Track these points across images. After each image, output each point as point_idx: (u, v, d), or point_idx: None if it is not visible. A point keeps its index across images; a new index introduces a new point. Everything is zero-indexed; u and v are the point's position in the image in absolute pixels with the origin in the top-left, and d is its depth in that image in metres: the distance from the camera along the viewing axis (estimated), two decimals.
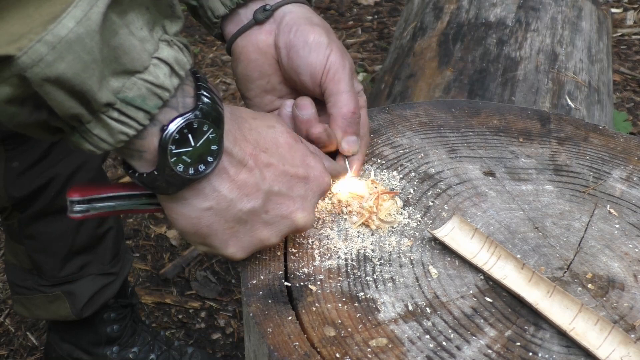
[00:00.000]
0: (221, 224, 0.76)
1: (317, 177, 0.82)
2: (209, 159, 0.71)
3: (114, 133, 0.66)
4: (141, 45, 0.64)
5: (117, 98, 0.64)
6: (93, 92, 0.62)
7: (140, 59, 0.64)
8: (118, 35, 0.62)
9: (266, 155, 0.77)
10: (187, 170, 0.70)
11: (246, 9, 0.95)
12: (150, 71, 0.65)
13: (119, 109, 0.64)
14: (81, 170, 1.47)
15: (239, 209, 0.75)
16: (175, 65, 0.67)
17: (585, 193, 0.98)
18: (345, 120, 0.91)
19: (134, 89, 0.64)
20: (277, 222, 0.79)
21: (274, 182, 0.77)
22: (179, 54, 0.67)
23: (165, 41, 0.67)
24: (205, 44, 3.32)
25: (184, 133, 0.69)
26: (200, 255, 2.25)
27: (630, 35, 3.34)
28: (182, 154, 0.70)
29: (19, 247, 1.55)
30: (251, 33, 0.95)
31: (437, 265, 0.84)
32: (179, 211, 0.75)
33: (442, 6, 2.03)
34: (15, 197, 1.43)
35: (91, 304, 1.60)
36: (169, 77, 0.66)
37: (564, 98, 1.71)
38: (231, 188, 0.74)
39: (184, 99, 0.70)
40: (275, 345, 0.73)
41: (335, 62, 0.90)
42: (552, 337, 0.75)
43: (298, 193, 0.80)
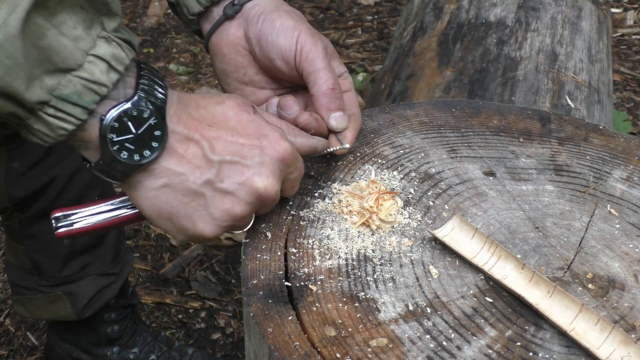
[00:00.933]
0: (179, 200, 0.77)
1: (271, 143, 0.81)
2: (154, 144, 0.74)
3: (53, 128, 0.69)
4: (74, 44, 0.66)
5: (53, 95, 0.66)
6: (20, 93, 0.64)
7: (72, 58, 0.66)
8: (45, 37, 0.64)
9: (213, 128, 0.78)
10: (132, 157, 0.73)
11: (218, 6, 0.97)
12: (85, 68, 0.67)
13: (54, 106, 0.67)
14: (82, 171, 1.47)
15: (193, 181, 0.76)
16: (113, 61, 0.69)
17: (586, 193, 0.98)
18: (326, 97, 0.91)
19: (69, 86, 0.67)
20: (236, 190, 0.78)
21: (224, 152, 0.78)
22: (117, 49, 0.70)
23: (104, 38, 0.69)
24: (197, 43, 3.32)
25: (124, 121, 0.71)
26: (200, 255, 2.25)
27: (630, 35, 3.34)
28: (124, 141, 0.72)
29: (19, 248, 1.55)
30: (223, 29, 0.97)
31: (437, 265, 0.84)
32: (138, 195, 0.77)
33: (442, 6, 2.03)
34: (16, 197, 1.43)
35: (92, 304, 1.60)
36: (106, 73, 0.69)
37: (564, 98, 1.71)
38: (181, 163, 0.76)
39: (125, 90, 0.72)
40: (276, 345, 0.73)
41: (305, 41, 0.91)
42: (553, 337, 0.75)
43: (253, 160, 0.79)
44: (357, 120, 0.97)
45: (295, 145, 0.86)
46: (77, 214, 0.81)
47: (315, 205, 0.92)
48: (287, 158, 0.82)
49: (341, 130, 0.93)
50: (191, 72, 3.12)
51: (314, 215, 0.91)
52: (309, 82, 0.92)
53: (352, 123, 0.95)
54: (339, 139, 0.94)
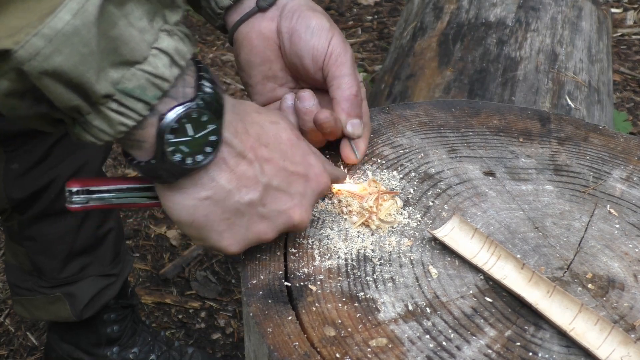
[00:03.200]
0: (218, 215, 0.75)
1: (317, 175, 0.82)
2: (208, 149, 0.71)
3: (114, 124, 0.66)
4: (140, 35, 0.64)
5: (116, 89, 0.64)
6: (91, 84, 0.62)
7: (139, 50, 0.64)
8: (117, 27, 0.62)
9: (267, 149, 0.77)
10: (185, 160, 0.70)
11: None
12: (150, 62, 0.65)
13: (118, 100, 0.64)
14: (81, 172, 1.47)
15: (237, 200, 0.75)
16: (176, 56, 0.67)
17: (586, 193, 0.98)
18: (348, 102, 0.92)
19: (133, 79, 0.64)
20: (274, 217, 0.78)
21: (273, 177, 0.77)
22: (179, 43, 0.67)
23: (166, 31, 0.66)
24: (205, 44, 3.32)
25: (182, 123, 0.69)
26: (200, 255, 2.25)
27: (630, 35, 3.34)
28: (179, 143, 0.69)
29: (19, 249, 1.55)
30: (254, 20, 0.96)
31: (437, 265, 0.84)
32: (176, 200, 0.74)
33: (442, 6, 2.03)
34: (15, 198, 1.43)
35: (92, 305, 1.60)
36: (169, 68, 0.66)
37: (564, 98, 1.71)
38: (230, 179, 0.74)
39: (185, 88, 0.69)
40: (275, 345, 0.73)
41: (338, 45, 0.92)
42: (552, 337, 0.75)
43: (297, 190, 0.79)
44: (369, 130, 0.99)
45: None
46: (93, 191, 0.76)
47: (315, 205, 0.92)
48: (325, 192, 0.85)
49: (356, 138, 0.94)
50: None
51: (314, 215, 0.90)
52: (332, 85, 0.92)
53: (365, 132, 0.96)
54: (353, 148, 0.95)
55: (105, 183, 0.77)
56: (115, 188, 0.77)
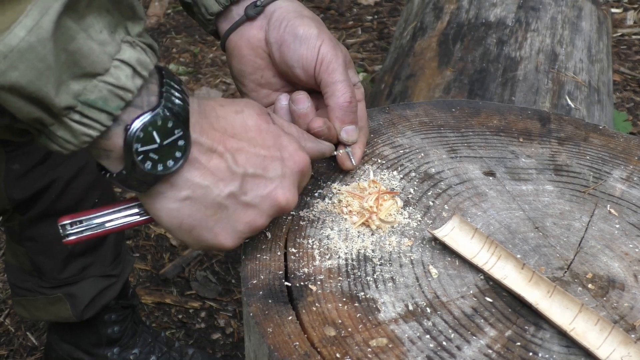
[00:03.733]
0: (202, 212, 0.76)
1: (292, 154, 0.82)
2: (177, 154, 0.72)
3: (77, 135, 0.67)
4: (101, 48, 0.65)
5: (78, 101, 0.65)
6: (50, 98, 0.63)
7: (100, 62, 0.65)
8: (75, 40, 0.63)
9: (235, 140, 0.78)
10: (156, 167, 0.71)
11: (238, 5, 0.96)
12: (111, 73, 0.66)
13: (80, 112, 0.65)
14: (82, 173, 1.47)
15: (217, 194, 0.76)
16: (138, 66, 0.67)
17: (586, 193, 0.98)
18: (341, 110, 0.92)
19: (95, 91, 0.65)
20: (259, 203, 0.79)
21: (247, 165, 0.77)
22: (141, 54, 0.68)
23: (128, 42, 0.68)
24: (205, 44, 3.32)
25: (149, 131, 0.70)
26: (200, 255, 2.25)
27: (630, 35, 3.34)
28: (148, 151, 0.70)
29: (19, 249, 1.55)
30: (243, 29, 0.96)
31: (437, 265, 0.84)
32: (159, 206, 0.75)
33: (442, 6, 2.03)
34: (16, 199, 1.43)
35: (92, 306, 1.60)
36: (131, 79, 0.67)
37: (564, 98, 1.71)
38: (204, 175, 0.75)
39: (149, 97, 0.70)
40: (276, 345, 0.73)
41: (327, 52, 0.91)
42: (552, 337, 0.75)
43: (275, 173, 0.80)
44: (366, 134, 0.98)
45: (306, 150, 0.86)
46: (85, 221, 0.79)
47: (315, 205, 0.92)
48: (305, 169, 0.83)
49: (351, 144, 0.94)
50: (191, 72, 3.12)
51: (314, 215, 0.91)
52: (326, 92, 0.92)
53: (361, 137, 0.96)
54: (349, 155, 0.95)
55: (96, 211, 0.79)
56: (105, 213, 0.79)
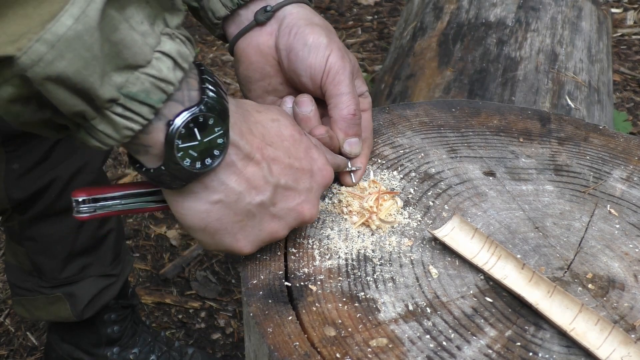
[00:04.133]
0: (230, 218, 0.76)
1: (320, 169, 0.83)
2: (216, 152, 0.71)
3: (119, 128, 0.66)
4: (143, 39, 0.64)
5: (121, 93, 0.64)
6: (95, 89, 0.62)
7: (142, 53, 0.64)
8: (118, 31, 0.62)
9: (272, 149, 0.78)
10: (194, 164, 0.70)
11: (247, 9, 0.95)
12: (153, 65, 0.65)
13: (122, 104, 0.64)
14: (82, 172, 1.47)
15: (248, 201, 0.75)
16: (179, 58, 0.67)
17: (586, 193, 0.98)
18: (345, 122, 0.91)
19: (137, 83, 0.64)
20: (285, 215, 0.79)
21: (281, 176, 0.78)
22: (181, 46, 0.67)
23: (167, 34, 0.67)
24: (205, 44, 3.32)
25: (190, 127, 0.69)
26: (200, 255, 2.25)
27: (630, 35, 3.34)
28: (188, 148, 0.69)
29: (19, 249, 1.55)
30: (252, 34, 0.95)
31: (437, 265, 0.84)
32: (187, 206, 0.74)
33: (442, 6, 2.03)
34: (16, 199, 1.43)
35: (92, 305, 1.60)
36: (173, 71, 0.66)
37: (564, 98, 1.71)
38: (239, 181, 0.74)
39: (189, 92, 0.69)
40: (276, 345, 0.73)
41: (335, 63, 0.90)
42: (553, 337, 0.75)
43: (304, 186, 0.80)
44: (370, 145, 0.97)
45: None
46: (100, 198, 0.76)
47: None
48: (329, 183, 0.85)
49: (354, 156, 0.94)
50: None
51: None
52: (330, 103, 0.91)
53: (365, 149, 0.95)
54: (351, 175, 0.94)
55: (111, 190, 0.77)
56: (121, 194, 0.77)
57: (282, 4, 0.94)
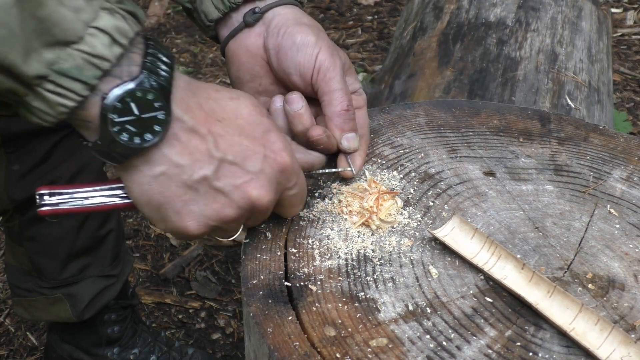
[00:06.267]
0: (173, 191, 0.74)
1: (275, 153, 0.79)
2: (157, 127, 0.70)
3: (53, 105, 0.65)
4: (74, 15, 0.63)
5: (52, 70, 0.63)
6: (17, 66, 0.61)
7: (73, 29, 0.63)
8: (44, 6, 0.61)
9: (221, 124, 0.76)
10: (133, 139, 0.70)
11: (238, 12, 0.96)
12: (86, 41, 0.64)
13: (54, 81, 0.64)
14: (82, 173, 1.47)
15: (190, 174, 0.74)
16: (116, 34, 0.66)
17: (586, 193, 0.98)
18: (340, 118, 0.91)
19: (69, 60, 0.64)
20: (230, 192, 0.76)
21: (227, 151, 0.76)
22: (120, 22, 0.66)
23: (106, 9, 0.65)
24: (205, 44, 3.32)
25: (126, 102, 0.68)
26: (200, 255, 2.25)
27: (630, 35, 3.34)
28: (125, 122, 0.69)
29: (19, 249, 1.55)
30: (242, 36, 0.96)
31: (437, 265, 0.84)
32: (131, 179, 0.74)
33: (442, 6, 2.03)
34: (16, 199, 1.43)
35: (92, 306, 1.60)
36: (109, 47, 0.65)
37: (564, 98, 1.71)
38: (182, 153, 0.73)
39: (130, 67, 0.68)
40: (276, 345, 0.73)
41: (324, 60, 0.90)
42: (553, 337, 0.75)
43: (254, 166, 0.77)
44: (367, 142, 0.97)
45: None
46: (64, 194, 0.77)
47: (315, 205, 0.92)
48: (286, 171, 0.80)
49: (352, 152, 0.93)
50: (191, 72, 3.12)
51: (314, 215, 0.90)
52: (323, 100, 0.91)
53: (362, 145, 0.95)
54: (348, 162, 0.94)
55: (75, 187, 0.78)
56: (84, 190, 0.78)
57: (271, 6, 0.94)
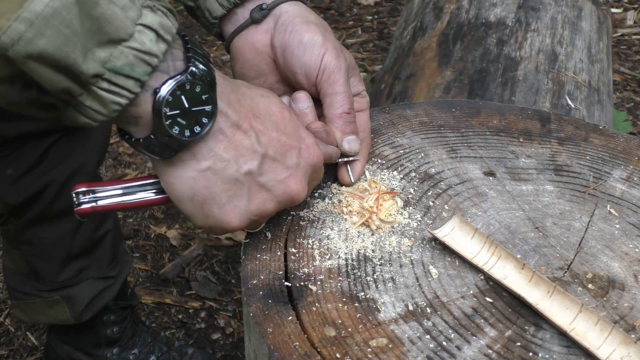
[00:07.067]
0: (218, 186, 0.75)
1: (308, 148, 0.82)
2: (204, 120, 0.72)
3: (107, 103, 0.66)
4: (124, 13, 0.64)
5: (105, 68, 0.64)
6: (78, 65, 0.62)
7: (124, 27, 0.64)
8: (98, 6, 0.62)
9: (260, 120, 0.78)
10: (183, 132, 0.71)
11: (243, 8, 0.95)
12: (136, 38, 0.65)
13: (108, 79, 0.65)
14: (77, 175, 1.46)
15: (236, 169, 0.76)
16: (161, 30, 0.67)
17: (586, 193, 0.98)
18: (341, 120, 0.91)
19: (121, 57, 0.65)
20: (273, 187, 0.79)
21: (268, 147, 0.78)
22: (163, 18, 0.68)
23: (148, 7, 0.67)
24: (205, 44, 3.32)
25: (177, 95, 0.70)
26: (200, 255, 2.25)
27: (630, 35, 3.34)
28: (176, 116, 0.70)
29: (16, 253, 1.54)
30: (248, 32, 0.95)
31: (437, 265, 0.84)
32: (176, 174, 0.75)
33: (442, 6, 2.03)
34: (11, 203, 1.42)
35: (90, 307, 1.59)
36: (156, 43, 0.67)
37: (564, 98, 1.71)
38: (227, 148, 0.75)
39: (174, 62, 0.70)
40: (276, 345, 0.73)
41: (330, 62, 0.90)
42: (553, 337, 0.75)
43: (291, 161, 0.80)
44: (368, 146, 0.97)
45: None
46: (101, 191, 0.76)
47: (315, 205, 0.92)
48: (318, 165, 0.84)
49: (353, 154, 0.93)
50: None
51: (314, 215, 0.90)
52: (325, 102, 0.91)
53: (363, 149, 0.95)
54: (348, 171, 0.94)
55: (111, 183, 0.78)
56: (121, 186, 0.78)
57: (278, 2, 0.94)
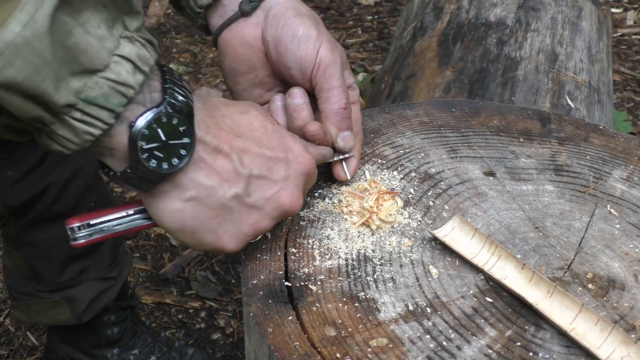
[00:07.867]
0: (205, 214, 0.75)
1: (297, 156, 0.81)
2: (182, 152, 0.71)
3: (79, 133, 0.66)
4: (99, 43, 0.64)
5: (79, 98, 0.64)
6: (49, 95, 0.62)
7: (99, 58, 0.64)
8: (72, 35, 0.62)
9: (241, 139, 0.77)
10: (161, 165, 0.70)
11: None
12: (112, 69, 0.65)
13: (81, 109, 0.64)
14: (77, 177, 1.46)
15: (221, 195, 0.75)
16: (138, 62, 0.66)
17: (586, 193, 0.98)
18: (337, 116, 0.90)
19: (95, 88, 0.64)
20: (263, 205, 0.78)
21: (252, 166, 0.77)
22: (141, 50, 0.67)
23: (127, 38, 0.66)
24: (205, 44, 3.32)
25: (154, 128, 0.69)
26: (200, 255, 2.25)
27: (630, 35, 3.34)
28: (153, 149, 0.69)
29: (16, 254, 1.54)
30: (237, 26, 0.93)
31: (437, 265, 0.84)
32: (162, 207, 0.74)
33: (442, 6, 2.03)
34: (11, 205, 1.42)
35: (90, 308, 1.59)
36: (132, 74, 0.66)
37: (564, 98, 1.71)
38: (209, 175, 0.74)
39: (151, 94, 0.69)
40: (276, 345, 0.73)
41: (326, 56, 0.89)
42: (553, 337, 0.75)
43: (279, 175, 0.79)
44: (361, 140, 0.97)
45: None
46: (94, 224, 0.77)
47: (315, 205, 0.92)
48: (309, 171, 0.83)
49: (348, 150, 0.93)
50: (191, 72, 3.12)
51: (314, 215, 0.90)
52: (321, 97, 0.91)
53: (356, 144, 0.94)
54: (343, 167, 0.94)
55: (104, 213, 0.77)
56: (115, 217, 0.78)
57: None
